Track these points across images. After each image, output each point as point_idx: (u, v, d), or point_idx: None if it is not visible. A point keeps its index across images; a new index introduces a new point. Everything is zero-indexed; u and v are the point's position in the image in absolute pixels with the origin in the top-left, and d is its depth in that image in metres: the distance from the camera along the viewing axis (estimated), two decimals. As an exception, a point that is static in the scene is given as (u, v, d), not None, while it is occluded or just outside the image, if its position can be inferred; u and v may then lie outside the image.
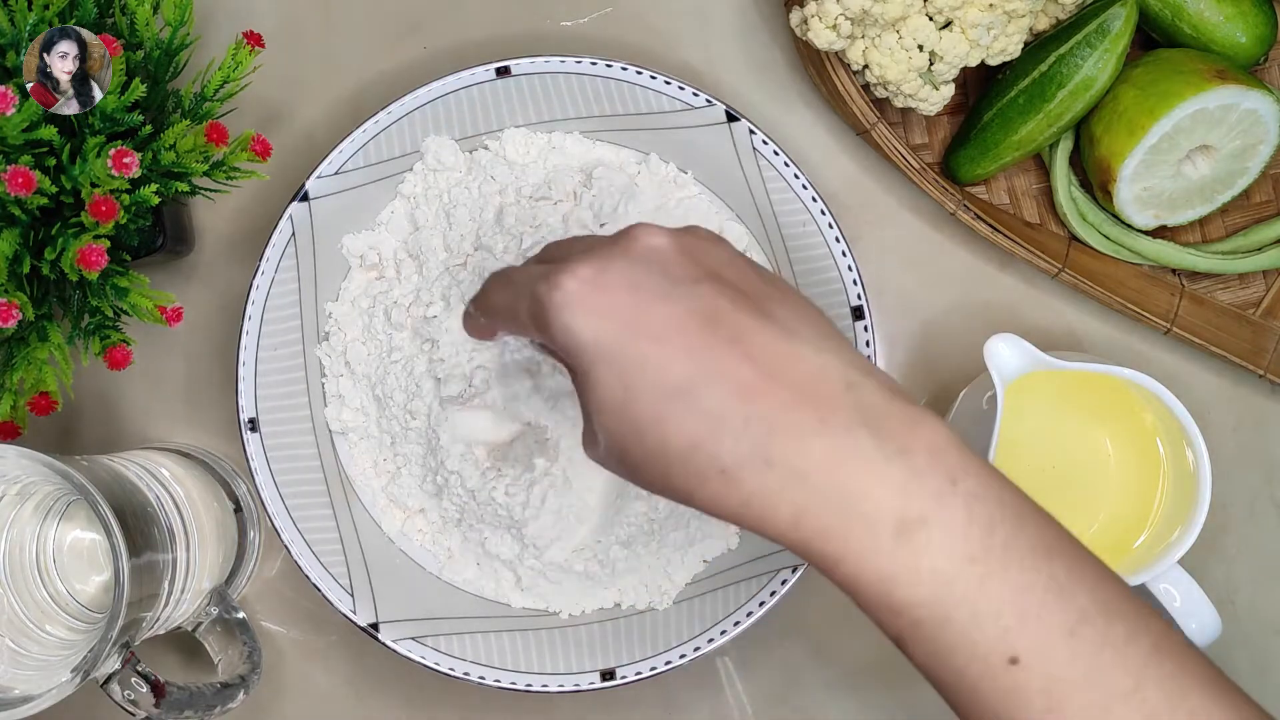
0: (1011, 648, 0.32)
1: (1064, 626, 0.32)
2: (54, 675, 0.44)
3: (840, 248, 0.53)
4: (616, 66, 0.53)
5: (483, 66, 0.53)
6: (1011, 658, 0.32)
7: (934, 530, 0.32)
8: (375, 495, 0.54)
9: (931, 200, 0.57)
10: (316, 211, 0.53)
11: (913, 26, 0.51)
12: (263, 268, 0.53)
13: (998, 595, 0.32)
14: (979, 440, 0.50)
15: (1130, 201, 0.56)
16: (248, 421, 0.52)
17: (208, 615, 0.52)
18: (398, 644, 0.52)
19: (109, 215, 0.44)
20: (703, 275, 0.35)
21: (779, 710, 0.57)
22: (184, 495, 0.51)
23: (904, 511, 0.32)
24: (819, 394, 0.33)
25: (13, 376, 0.47)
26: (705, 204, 0.55)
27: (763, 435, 0.33)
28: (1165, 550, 0.50)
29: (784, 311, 0.35)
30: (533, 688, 0.52)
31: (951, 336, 0.58)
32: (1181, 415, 0.49)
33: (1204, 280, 0.59)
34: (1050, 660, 0.32)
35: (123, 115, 0.46)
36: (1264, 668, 0.58)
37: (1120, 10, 0.53)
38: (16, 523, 0.49)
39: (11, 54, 0.45)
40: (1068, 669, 0.32)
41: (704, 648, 0.52)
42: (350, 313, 0.54)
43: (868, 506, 0.32)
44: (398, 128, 0.53)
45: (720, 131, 0.54)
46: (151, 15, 0.48)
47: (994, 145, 0.56)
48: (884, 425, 0.33)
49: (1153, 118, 0.53)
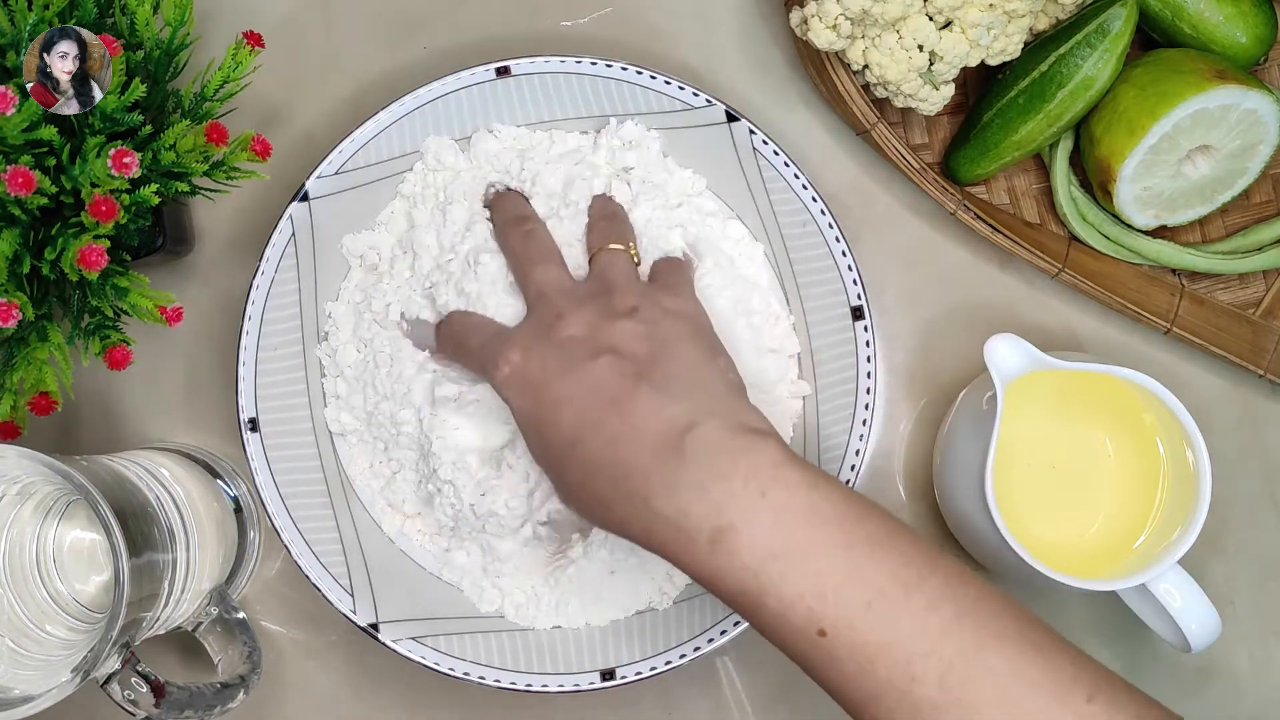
0: (817, 622, 0.39)
1: (861, 602, 0.39)
2: (54, 675, 0.44)
3: (840, 248, 0.53)
4: (616, 66, 0.53)
5: (483, 66, 0.53)
6: (819, 630, 0.39)
7: (741, 536, 0.40)
8: (374, 496, 0.54)
9: (931, 200, 0.57)
10: (316, 211, 0.53)
11: (913, 26, 0.51)
12: (263, 268, 0.53)
13: (798, 582, 0.39)
14: (979, 440, 0.50)
15: (1130, 201, 0.56)
16: (248, 421, 0.52)
17: (208, 615, 0.52)
18: (398, 644, 0.52)
19: (109, 215, 0.44)
20: (602, 351, 0.45)
21: (779, 710, 0.57)
22: (184, 495, 0.51)
23: (716, 522, 0.40)
24: (666, 437, 0.42)
25: (13, 376, 0.47)
26: (710, 201, 0.55)
27: (622, 474, 0.42)
28: (1165, 550, 0.50)
29: (660, 372, 0.44)
30: (533, 688, 0.52)
31: (951, 336, 0.58)
32: (1181, 415, 0.49)
33: (1204, 280, 0.59)
34: (851, 631, 0.39)
35: (123, 115, 0.46)
36: (1264, 668, 0.58)
37: (1120, 10, 0.53)
38: (16, 523, 0.49)
39: (11, 54, 0.45)
40: (868, 637, 0.39)
41: (704, 648, 0.52)
42: (348, 313, 0.54)
43: (688, 522, 0.41)
44: (398, 128, 0.53)
45: (720, 131, 0.54)
46: (151, 15, 0.48)
47: (994, 145, 0.56)
48: (711, 456, 0.41)
49: (1153, 118, 0.53)
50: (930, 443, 0.57)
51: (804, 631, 0.39)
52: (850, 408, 0.53)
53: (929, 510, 0.58)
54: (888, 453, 0.58)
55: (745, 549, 0.40)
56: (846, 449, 0.53)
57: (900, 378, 0.58)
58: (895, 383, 0.58)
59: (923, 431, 0.58)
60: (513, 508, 0.51)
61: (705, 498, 0.41)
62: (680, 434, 0.42)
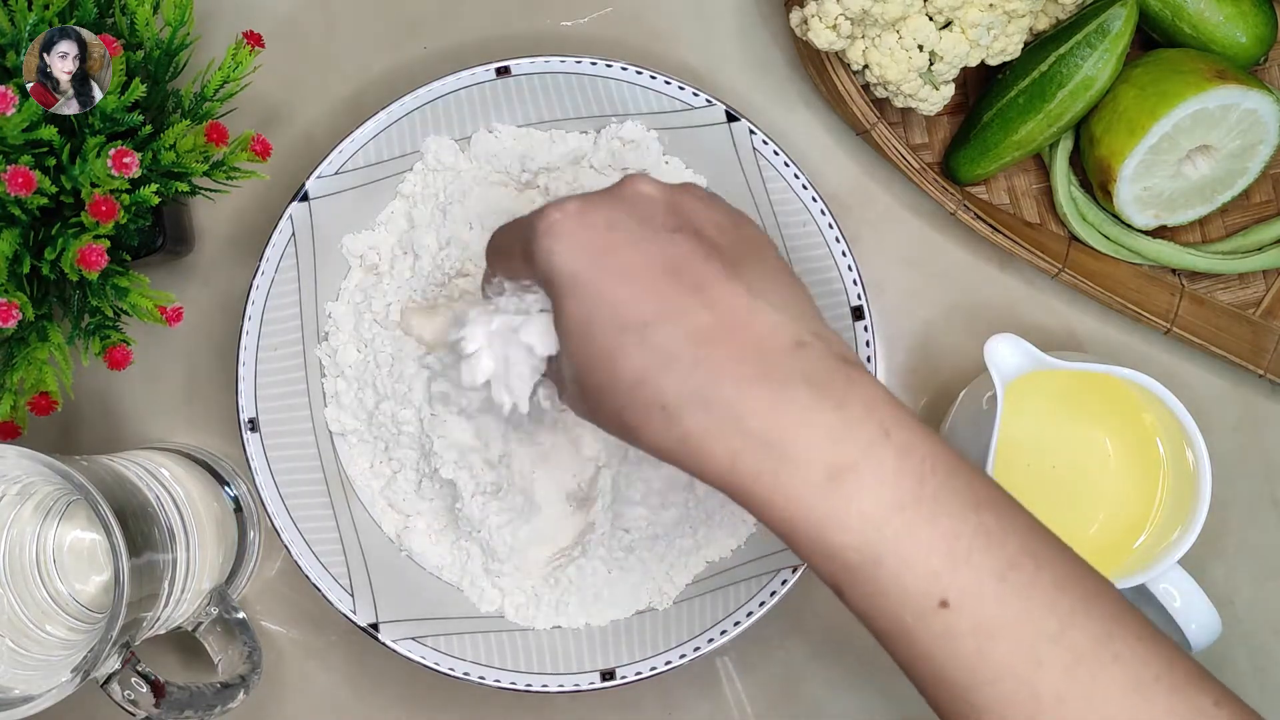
0: (942, 591, 0.34)
1: (993, 572, 0.34)
2: (54, 675, 0.44)
3: (840, 248, 0.53)
4: (616, 66, 0.53)
5: (482, 66, 0.53)
6: (942, 600, 0.34)
7: (864, 477, 0.34)
8: (375, 496, 0.54)
9: (931, 200, 0.57)
10: (316, 211, 0.53)
11: (913, 26, 0.51)
12: (263, 268, 0.53)
13: (927, 541, 0.34)
14: (979, 440, 0.50)
15: (1130, 201, 0.56)
16: (248, 421, 0.52)
17: (208, 615, 0.52)
18: (398, 644, 0.52)
19: (109, 215, 0.44)
20: (681, 226, 0.37)
21: (779, 710, 0.57)
22: (184, 495, 0.51)
23: (835, 458, 0.34)
24: (768, 348, 0.35)
25: (13, 376, 0.47)
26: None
27: (707, 378, 0.34)
28: (1165, 550, 0.50)
29: (754, 272, 0.37)
30: (533, 688, 0.52)
31: (951, 336, 0.58)
32: (1181, 415, 0.49)
33: (1204, 280, 0.59)
34: (979, 603, 0.34)
35: (123, 115, 0.46)
36: (1264, 668, 0.58)
37: (1120, 10, 0.53)
38: (16, 523, 0.49)
39: (11, 54, 0.45)
40: (996, 612, 0.34)
41: (704, 648, 0.52)
42: (348, 313, 0.54)
43: (800, 452, 0.34)
44: (398, 128, 0.53)
45: (720, 131, 0.54)
46: (151, 15, 0.48)
47: (994, 145, 0.56)
48: (824, 382, 0.35)
49: (1153, 118, 0.53)
50: (930, 443, 0.57)
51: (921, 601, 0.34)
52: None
53: (929, 510, 0.58)
54: (888, 453, 0.58)
55: (869, 494, 0.34)
56: (846, 449, 0.53)
57: (900, 378, 0.58)
58: (895, 383, 0.58)
59: (923, 431, 0.58)
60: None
61: (823, 425, 0.34)
62: (787, 348, 0.35)
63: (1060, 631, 0.34)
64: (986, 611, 0.34)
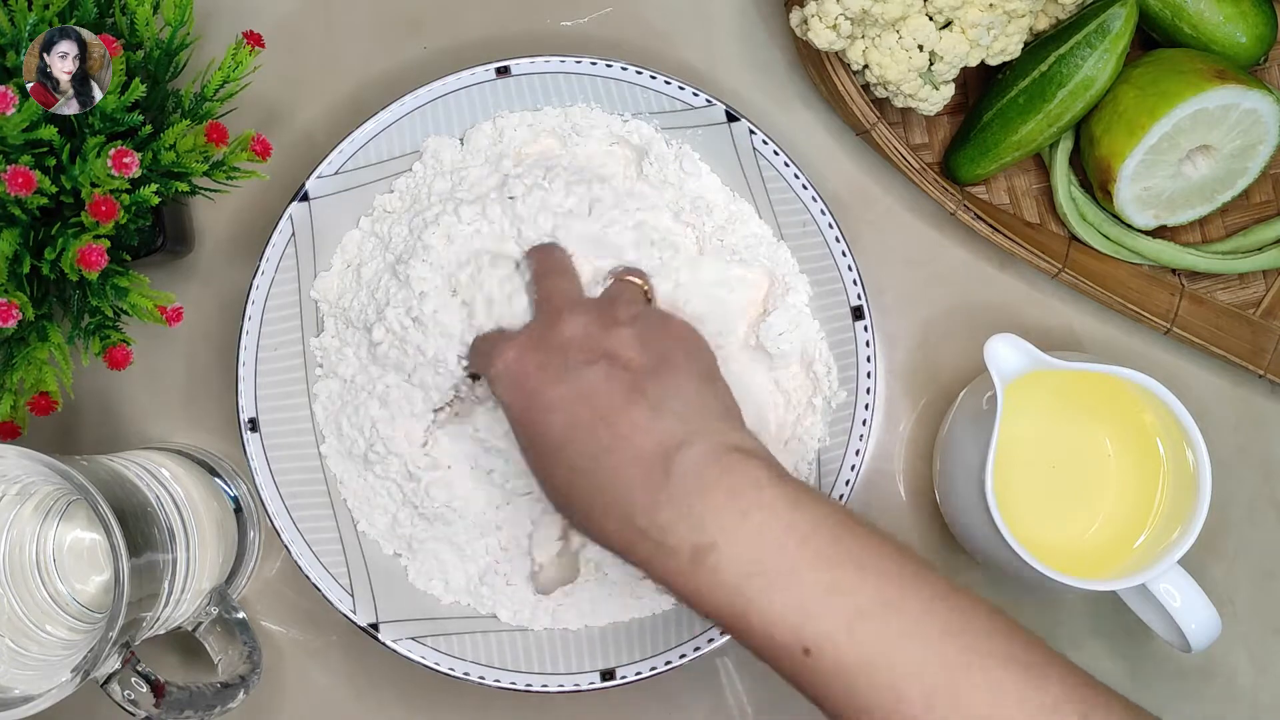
0: (802, 641, 0.39)
1: (843, 622, 0.39)
2: (54, 675, 0.44)
3: (840, 248, 0.53)
4: (616, 66, 0.53)
5: (483, 66, 0.53)
6: (804, 649, 0.39)
7: (722, 553, 0.40)
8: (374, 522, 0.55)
9: (931, 200, 0.57)
10: (316, 211, 0.53)
11: (913, 26, 0.51)
12: (263, 268, 0.53)
13: (782, 600, 0.39)
14: (979, 440, 0.50)
15: (1130, 201, 0.56)
16: (248, 421, 0.52)
17: (208, 615, 0.52)
18: (398, 644, 0.52)
19: (109, 215, 0.44)
20: (598, 358, 0.44)
21: (779, 710, 0.57)
22: (184, 495, 0.51)
23: (697, 540, 0.40)
24: (654, 455, 0.42)
25: (13, 376, 0.47)
26: (716, 185, 0.55)
27: (607, 485, 0.42)
28: (1165, 550, 0.50)
29: (656, 387, 0.44)
30: (533, 688, 0.52)
31: (951, 336, 0.58)
32: (1181, 415, 0.49)
33: (1204, 280, 0.59)
34: (835, 650, 0.38)
35: (123, 115, 0.46)
36: (1264, 668, 0.58)
37: (1120, 10, 0.53)
38: (16, 523, 0.49)
39: (11, 54, 0.45)
40: (851, 656, 0.38)
41: (704, 648, 0.52)
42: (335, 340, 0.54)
43: (669, 540, 0.41)
44: (398, 128, 0.53)
45: (720, 131, 0.54)
46: (151, 15, 0.48)
47: (994, 145, 0.56)
48: (698, 477, 0.41)
49: (1153, 118, 0.53)
50: (930, 443, 0.57)
51: (789, 650, 0.39)
52: (850, 408, 0.53)
53: (929, 510, 0.58)
54: (888, 453, 0.58)
55: (727, 566, 0.40)
56: (846, 449, 0.53)
57: (900, 378, 0.58)
58: (895, 383, 0.58)
59: (923, 431, 0.58)
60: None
61: (688, 515, 0.41)
62: (669, 452, 0.42)
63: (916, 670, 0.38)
64: (843, 656, 0.38)
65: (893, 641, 0.38)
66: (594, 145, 0.54)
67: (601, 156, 0.54)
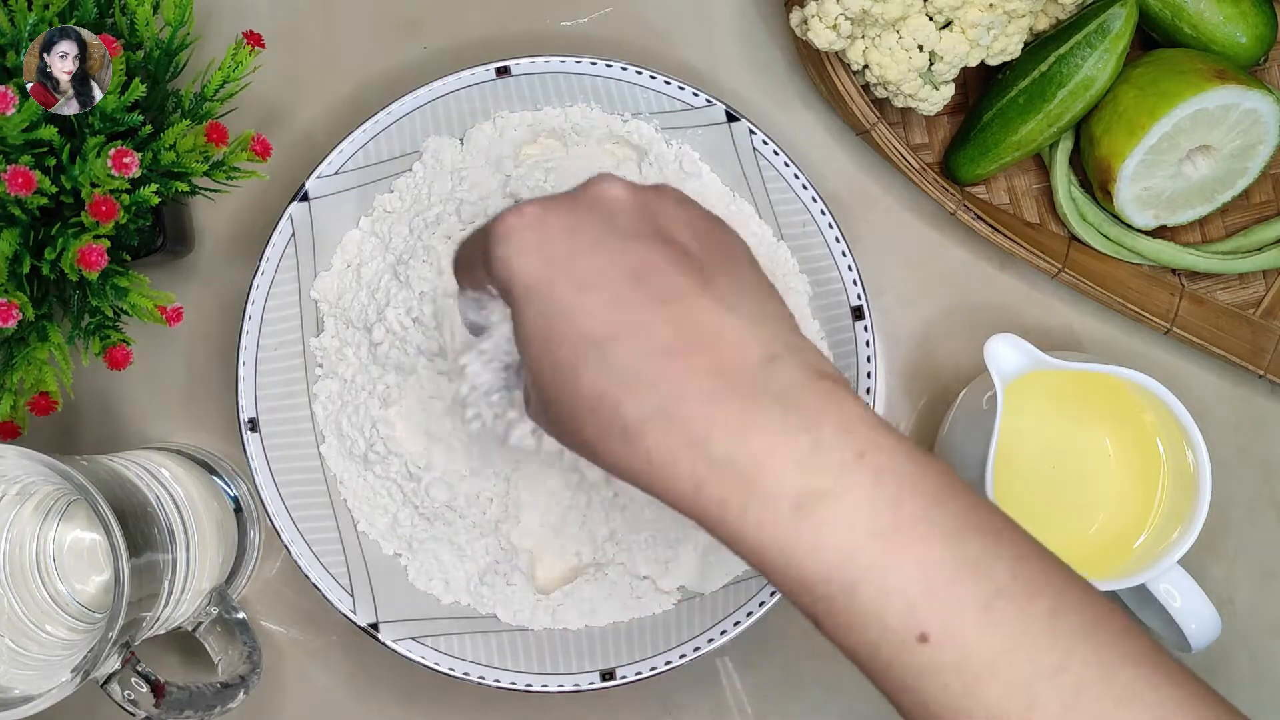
0: (920, 624, 0.31)
1: (976, 603, 0.31)
2: (54, 675, 0.44)
3: (840, 248, 0.53)
4: (616, 66, 0.53)
5: (482, 66, 0.53)
6: (921, 635, 0.31)
7: (836, 504, 0.31)
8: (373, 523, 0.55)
9: (931, 200, 0.57)
10: (316, 211, 0.53)
11: (913, 26, 0.51)
12: (263, 268, 0.53)
13: (903, 571, 0.31)
14: (979, 440, 0.50)
15: (1130, 201, 0.56)
16: (248, 421, 0.52)
17: (208, 615, 0.52)
18: (397, 644, 0.52)
19: (109, 215, 0.44)
20: (649, 232, 0.34)
21: (779, 710, 0.57)
22: (184, 495, 0.51)
23: (805, 485, 0.31)
24: (736, 364, 0.32)
25: (13, 376, 0.47)
26: (717, 185, 0.55)
27: (669, 397, 0.32)
28: (1165, 550, 0.50)
29: (726, 281, 0.34)
30: (533, 688, 0.52)
31: (951, 336, 0.58)
32: (1181, 415, 0.49)
33: (1204, 280, 0.59)
34: (962, 637, 0.31)
35: (123, 115, 0.46)
36: (1264, 667, 0.58)
37: (1120, 10, 0.53)
38: (16, 523, 0.49)
39: (11, 54, 0.45)
40: (982, 646, 0.31)
41: (704, 648, 0.52)
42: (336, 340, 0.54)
43: (767, 479, 0.31)
44: (398, 128, 0.53)
45: (720, 131, 0.54)
46: (151, 15, 0.48)
47: (994, 145, 0.56)
48: (795, 400, 0.32)
49: (1153, 118, 0.53)
50: (930, 443, 0.57)
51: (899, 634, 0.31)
52: (850, 408, 0.53)
53: (929, 510, 0.58)
54: (888, 453, 0.58)
55: (842, 522, 0.31)
56: (846, 449, 0.53)
57: (900, 378, 0.58)
58: (895, 383, 0.58)
59: (923, 431, 0.58)
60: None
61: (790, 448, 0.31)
62: (757, 364, 0.33)
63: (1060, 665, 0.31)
64: (970, 647, 0.31)
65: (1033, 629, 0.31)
66: (594, 145, 0.54)
67: (602, 157, 0.54)
